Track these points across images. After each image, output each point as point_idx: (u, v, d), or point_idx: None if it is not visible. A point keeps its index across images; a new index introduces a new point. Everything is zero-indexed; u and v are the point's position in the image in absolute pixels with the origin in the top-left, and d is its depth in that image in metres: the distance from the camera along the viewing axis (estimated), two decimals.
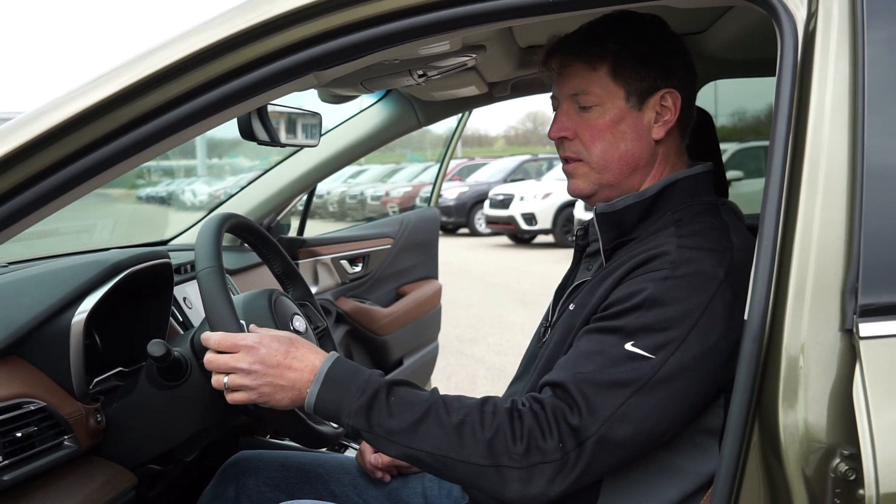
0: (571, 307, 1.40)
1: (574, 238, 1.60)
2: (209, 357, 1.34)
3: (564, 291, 1.53)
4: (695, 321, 1.23)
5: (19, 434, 1.36)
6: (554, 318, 1.50)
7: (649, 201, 1.39)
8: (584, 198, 1.47)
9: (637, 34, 1.41)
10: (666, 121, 1.41)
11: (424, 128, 2.71)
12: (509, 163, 20.23)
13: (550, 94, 1.49)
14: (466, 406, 1.25)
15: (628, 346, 1.23)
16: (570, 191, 1.47)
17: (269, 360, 1.31)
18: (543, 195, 14.83)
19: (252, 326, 1.43)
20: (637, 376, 1.21)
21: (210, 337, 1.35)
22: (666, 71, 1.40)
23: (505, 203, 15.25)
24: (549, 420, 1.21)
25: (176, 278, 1.99)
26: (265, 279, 2.41)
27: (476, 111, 2.82)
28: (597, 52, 1.39)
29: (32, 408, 1.41)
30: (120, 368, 1.72)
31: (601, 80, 1.39)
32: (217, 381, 1.33)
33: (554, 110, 1.47)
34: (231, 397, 1.33)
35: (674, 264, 1.27)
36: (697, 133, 1.51)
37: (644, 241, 1.36)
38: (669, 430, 1.24)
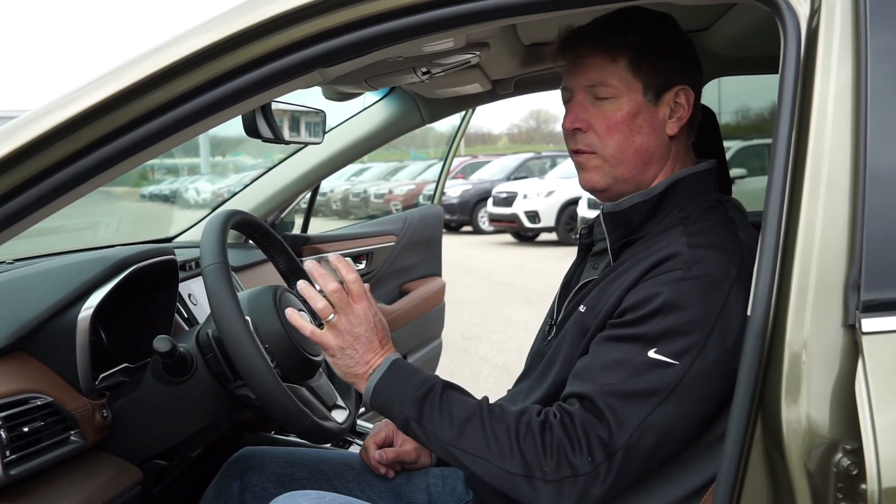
0: (582, 308, 1.39)
1: (578, 236, 1.60)
2: (336, 288, 1.36)
3: (569, 289, 1.53)
4: (713, 323, 1.23)
5: (26, 429, 1.36)
6: (560, 317, 1.49)
7: (656, 200, 1.39)
8: (597, 192, 1.45)
9: (655, 29, 1.41)
10: (680, 117, 1.41)
11: (428, 125, 2.71)
12: (513, 160, 20.21)
13: (561, 85, 1.46)
14: (507, 415, 1.29)
15: (651, 354, 1.23)
16: (582, 184, 1.45)
17: (368, 329, 1.36)
18: (547, 193, 14.82)
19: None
20: (663, 384, 1.22)
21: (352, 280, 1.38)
22: (681, 67, 1.41)
23: (508, 201, 15.23)
24: (578, 433, 1.23)
25: (181, 275, 1.99)
26: (270, 276, 2.41)
27: (479, 109, 2.81)
28: (617, 44, 1.38)
29: (39, 403, 1.42)
30: (126, 364, 1.73)
31: (620, 73, 1.38)
32: (326, 310, 1.36)
33: (565, 102, 1.46)
34: (321, 332, 1.37)
35: (687, 265, 1.27)
36: (701, 130, 1.51)
37: (652, 239, 1.36)
38: (693, 433, 1.25)
